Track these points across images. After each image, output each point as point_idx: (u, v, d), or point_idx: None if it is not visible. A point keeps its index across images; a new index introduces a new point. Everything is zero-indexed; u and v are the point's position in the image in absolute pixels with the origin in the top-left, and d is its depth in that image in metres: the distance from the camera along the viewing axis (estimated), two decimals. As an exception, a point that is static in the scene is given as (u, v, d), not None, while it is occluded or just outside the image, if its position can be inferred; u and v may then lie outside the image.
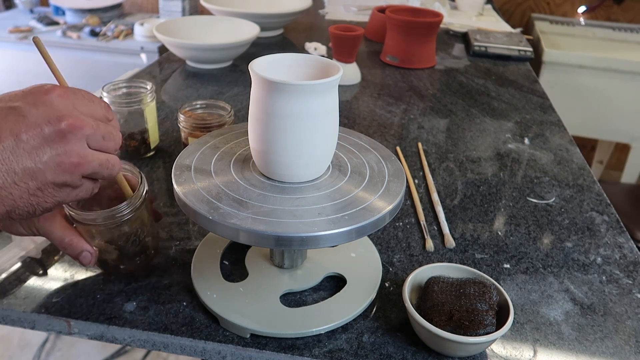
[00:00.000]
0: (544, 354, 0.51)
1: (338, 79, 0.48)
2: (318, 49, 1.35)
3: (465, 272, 0.54)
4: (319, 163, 0.51)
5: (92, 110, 0.41)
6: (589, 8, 2.10)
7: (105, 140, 0.41)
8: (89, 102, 0.41)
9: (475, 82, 1.25)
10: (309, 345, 0.50)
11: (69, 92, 0.40)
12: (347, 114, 1.03)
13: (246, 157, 0.54)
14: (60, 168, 0.38)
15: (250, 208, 0.46)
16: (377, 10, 1.50)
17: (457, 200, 0.76)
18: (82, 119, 0.39)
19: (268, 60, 0.51)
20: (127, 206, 0.51)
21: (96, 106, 0.42)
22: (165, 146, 0.86)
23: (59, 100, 0.39)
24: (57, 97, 0.39)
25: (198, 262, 0.58)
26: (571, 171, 0.86)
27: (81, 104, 0.40)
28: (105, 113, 0.43)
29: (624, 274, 0.63)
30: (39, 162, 0.37)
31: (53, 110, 0.38)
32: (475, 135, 0.97)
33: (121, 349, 1.53)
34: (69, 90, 0.40)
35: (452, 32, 1.63)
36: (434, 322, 0.48)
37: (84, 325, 0.52)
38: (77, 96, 0.40)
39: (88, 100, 0.41)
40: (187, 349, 0.51)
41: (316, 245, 0.44)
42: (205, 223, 0.45)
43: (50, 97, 0.38)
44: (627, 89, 1.74)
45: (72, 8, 2.19)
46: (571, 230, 0.71)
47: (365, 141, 0.59)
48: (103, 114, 0.43)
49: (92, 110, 0.41)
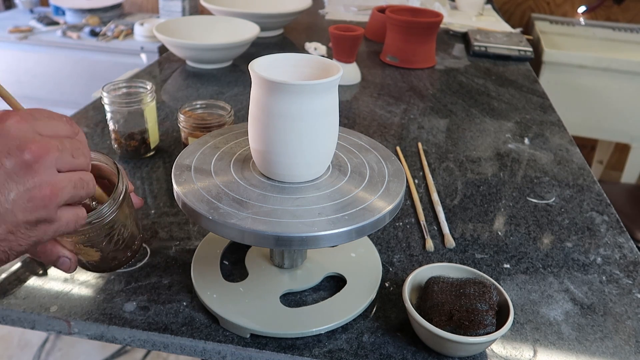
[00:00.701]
0: (544, 354, 0.51)
1: (338, 79, 0.48)
2: (318, 49, 1.35)
3: (465, 272, 0.54)
4: (319, 163, 0.51)
5: (54, 129, 0.36)
6: (589, 8, 2.10)
7: (75, 157, 0.37)
8: (49, 120, 0.36)
9: (475, 82, 1.25)
10: (309, 345, 0.50)
11: (25, 115, 0.35)
12: (347, 114, 1.03)
13: (246, 157, 0.54)
14: (32, 204, 0.34)
15: (250, 208, 0.46)
16: (377, 10, 1.50)
17: (457, 200, 0.76)
18: (46, 143, 0.34)
19: (268, 60, 0.51)
20: (108, 208, 0.45)
21: (58, 123, 0.37)
22: (165, 146, 0.86)
23: (16, 127, 0.34)
24: (14, 124, 0.34)
25: (198, 262, 0.58)
26: (571, 171, 0.86)
27: (42, 126, 0.36)
28: (70, 128, 0.38)
29: (624, 274, 0.63)
30: (5, 202, 0.33)
31: (11, 140, 0.33)
32: (475, 135, 0.97)
33: (121, 349, 1.53)
34: (25, 113, 0.35)
35: (452, 32, 1.63)
36: (434, 322, 0.48)
37: (84, 325, 0.52)
38: (36, 117, 0.35)
39: (48, 119, 0.36)
40: (187, 349, 0.51)
41: (316, 245, 0.44)
42: (205, 223, 0.45)
43: (6, 125, 0.33)
44: (627, 89, 1.74)
45: (72, 8, 2.19)
46: (571, 230, 0.71)
47: (365, 141, 0.59)
48: (68, 130, 0.38)
49: (54, 129, 0.36)
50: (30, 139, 0.34)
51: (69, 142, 0.37)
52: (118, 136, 0.80)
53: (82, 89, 2.04)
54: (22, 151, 0.33)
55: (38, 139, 0.34)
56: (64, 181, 0.35)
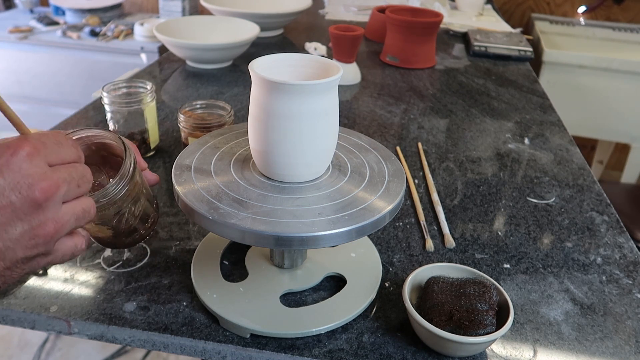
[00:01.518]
0: (544, 354, 0.51)
1: (338, 79, 0.48)
2: (318, 49, 1.35)
3: (465, 272, 0.54)
4: (319, 163, 0.51)
5: (62, 155, 0.35)
6: (589, 8, 2.10)
7: (80, 185, 0.36)
8: (57, 146, 0.35)
9: (475, 82, 1.25)
10: (309, 345, 0.50)
11: (37, 145, 0.33)
12: (347, 114, 1.03)
13: (246, 157, 0.54)
14: (34, 242, 0.33)
15: (250, 208, 0.46)
16: (377, 10, 1.50)
17: (457, 200, 0.76)
18: (57, 180, 0.33)
19: (268, 60, 0.51)
20: (115, 187, 0.44)
21: (66, 149, 0.36)
22: (165, 146, 0.86)
23: (28, 162, 0.32)
24: (25, 157, 0.32)
25: (198, 262, 0.58)
26: (571, 171, 0.86)
27: (51, 154, 0.34)
28: (76, 152, 0.37)
29: (624, 274, 0.63)
30: (8, 241, 0.32)
31: (22, 177, 0.32)
32: (475, 135, 0.97)
33: (121, 349, 1.53)
34: (36, 143, 0.34)
35: (452, 32, 1.63)
36: (434, 322, 0.48)
37: (84, 325, 0.52)
38: (46, 146, 0.34)
39: (57, 145, 0.35)
40: (187, 349, 0.51)
41: (316, 245, 0.44)
42: (205, 223, 0.45)
43: (18, 160, 0.32)
44: (627, 89, 1.74)
45: (72, 8, 2.19)
46: (571, 230, 0.71)
47: (365, 141, 0.59)
48: (74, 155, 0.37)
49: (62, 155, 0.35)
50: (41, 175, 0.33)
51: (75, 170, 0.36)
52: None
53: (82, 89, 2.04)
54: (33, 190, 0.32)
55: (49, 176, 0.33)
56: (67, 215, 0.35)
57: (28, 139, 0.34)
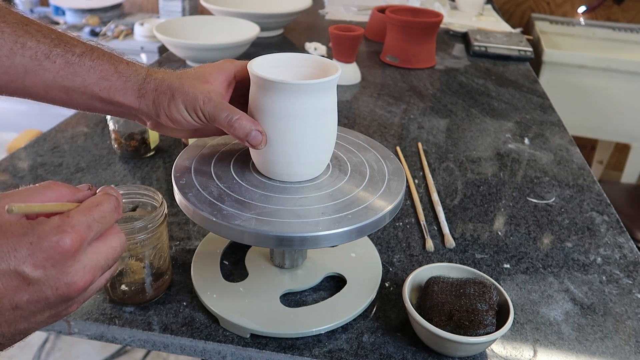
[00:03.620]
0: (544, 354, 0.51)
1: (336, 79, 0.48)
2: (318, 49, 1.35)
3: (465, 272, 0.54)
4: (318, 162, 0.51)
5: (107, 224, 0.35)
6: (589, 8, 2.10)
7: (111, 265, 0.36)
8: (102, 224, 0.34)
9: (475, 82, 1.25)
10: (309, 345, 0.50)
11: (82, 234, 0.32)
12: (347, 114, 1.03)
13: (246, 157, 0.54)
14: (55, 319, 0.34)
15: (253, 209, 0.46)
16: (377, 10, 1.50)
17: (457, 200, 0.76)
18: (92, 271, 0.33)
19: (267, 59, 0.51)
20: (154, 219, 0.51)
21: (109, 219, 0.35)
22: (165, 146, 0.86)
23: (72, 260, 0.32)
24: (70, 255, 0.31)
25: (198, 262, 0.58)
26: (571, 171, 0.86)
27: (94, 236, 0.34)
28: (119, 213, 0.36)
29: (624, 274, 0.63)
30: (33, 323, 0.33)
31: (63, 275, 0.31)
32: (475, 135, 0.97)
33: (121, 349, 1.53)
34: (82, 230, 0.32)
35: (452, 32, 1.63)
36: (434, 322, 0.48)
37: (84, 325, 0.52)
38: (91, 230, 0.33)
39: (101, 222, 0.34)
40: (187, 349, 0.51)
41: (317, 245, 0.44)
42: (209, 225, 0.45)
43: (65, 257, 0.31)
44: (627, 89, 1.74)
45: (72, 8, 2.19)
46: (571, 230, 0.71)
47: (363, 140, 0.59)
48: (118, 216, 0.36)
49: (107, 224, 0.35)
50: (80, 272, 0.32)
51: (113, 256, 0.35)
52: (118, 136, 0.80)
53: (82, 89, 2.03)
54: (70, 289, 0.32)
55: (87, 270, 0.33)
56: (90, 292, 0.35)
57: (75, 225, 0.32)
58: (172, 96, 0.47)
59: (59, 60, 0.45)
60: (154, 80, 0.48)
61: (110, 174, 0.77)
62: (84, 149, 0.84)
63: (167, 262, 0.55)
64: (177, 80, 0.48)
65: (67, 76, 0.46)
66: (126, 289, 0.53)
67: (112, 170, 0.79)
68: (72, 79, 0.46)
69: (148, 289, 0.54)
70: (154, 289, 0.54)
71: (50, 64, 0.45)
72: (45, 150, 0.83)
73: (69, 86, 0.46)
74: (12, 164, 0.79)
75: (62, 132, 0.89)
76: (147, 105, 0.48)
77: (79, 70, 0.46)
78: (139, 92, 0.48)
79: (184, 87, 0.47)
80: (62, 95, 0.47)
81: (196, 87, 0.48)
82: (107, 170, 0.78)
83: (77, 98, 0.48)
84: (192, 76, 0.49)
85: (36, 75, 0.45)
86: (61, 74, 0.46)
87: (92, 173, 0.77)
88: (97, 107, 0.49)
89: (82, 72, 0.46)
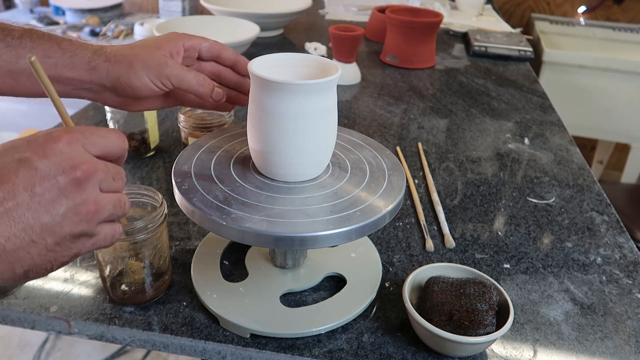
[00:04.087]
0: (544, 354, 0.51)
1: (336, 79, 0.48)
2: (318, 49, 1.35)
3: (465, 272, 0.54)
4: (319, 162, 0.51)
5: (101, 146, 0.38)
6: (589, 8, 2.10)
7: (115, 180, 0.39)
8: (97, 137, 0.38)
9: (475, 82, 1.25)
10: (309, 345, 0.50)
11: (77, 135, 0.37)
12: (347, 114, 1.03)
13: (245, 158, 0.54)
14: (78, 218, 0.36)
15: (262, 211, 0.46)
16: (377, 10, 1.50)
17: (457, 200, 0.76)
18: (95, 164, 0.37)
19: (266, 60, 0.51)
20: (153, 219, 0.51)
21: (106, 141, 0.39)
22: (165, 146, 0.86)
23: (68, 148, 0.36)
24: (66, 144, 0.36)
25: (198, 262, 0.58)
26: (571, 171, 0.86)
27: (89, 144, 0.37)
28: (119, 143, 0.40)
29: (624, 274, 0.63)
30: (56, 216, 0.35)
31: (65, 159, 0.35)
32: (475, 135, 0.97)
33: (121, 349, 1.53)
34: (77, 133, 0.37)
35: (452, 32, 1.63)
36: (434, 322, 0.48)
37: (84, 325, 0.52)
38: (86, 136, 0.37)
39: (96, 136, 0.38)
40: (187, 349, 0.51)
41: (316, 245, 0.44)
42: (216, 228, 0.45)
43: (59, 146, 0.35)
44: (627, 89, 1.74)
45: (72, 8, 2.19)
46: (571, 230, 0.71)
47: (357, 137, 0.59)
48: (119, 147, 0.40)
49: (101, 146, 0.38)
50: (81, 158, 0.36)
51: (112, 166, 0.39)
52: (118, 136, 0.80)
53: (82, 89, 2.03)
54: (75, 170, 0.35)
55: (88, 159, 0.36)
56: (105, 199, 0.38)
57: (68, 129, 0.37)
58: (129, 65, 0.49)
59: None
60: (105, 53, 0.50)
61: (110, 174, 0.77)
62: (84, 149, 0.84)
63: (167, 262, 0.55)
64: (130, 51, 0.50)
65: (10, 59, 0.47)
66: (126, 289, 0.53)
67: (112, 170, 0.78)
68: (16, 61, 0.47)
69: (148, 289, 0.54)
70: (154, 289, 0.54)
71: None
72: (45, 150, 0.83)
73: (14, 70, 0.48)
74: (12, 164, 0.79)
75: (62, 132, 0.89)
76: (99, 77, 0.50)
77: (22, 52, 0.47)
78: (89, 64, 0.49)
79: (140, 56, 0.49)
80: (10, 81, 0.48)
81: (154, 55, 0.50)
82: (107, 170, 0.78)
83: (24, 81, 0.49)
84: (144, 46, 0.51)
85: None
86: (4, 57, 0.47)
87: (92, 173, 0.77)
88: None
89: (24, 54, 0.48)
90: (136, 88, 0.50)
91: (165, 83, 0.50)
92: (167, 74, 0.50)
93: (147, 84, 0.50)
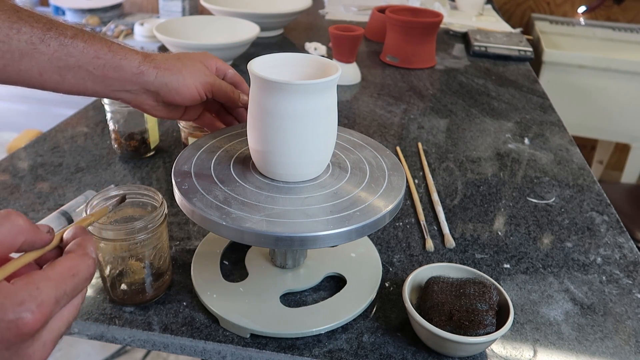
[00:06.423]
0: (544, 354, 0.51)
1: (336, 79, 0.48)
2: (318, 49, 1.35)
3: (465, 272, 0.54)
4: (320, 162, 0.51)
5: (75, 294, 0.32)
6: (589, 8, 2.10)
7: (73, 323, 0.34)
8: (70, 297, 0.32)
9: (475, 82, 1.25)
10: (309, 345, 0.50)
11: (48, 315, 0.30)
12: (347, 114, 1.03)
13: (244, 158, 0.54)
14: None
15: (262, 210, 0.46)
16: (377, 10, 1.50)
17: (457, 200, 0.76)
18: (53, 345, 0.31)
19: (266, 60, 0.51)
20: (154, 218, 0.51)
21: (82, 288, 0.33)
22: (165, 146, 0.86)
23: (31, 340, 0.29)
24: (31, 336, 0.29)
25: (198, 262, 0.58)
26: (571, 171, 0.86)
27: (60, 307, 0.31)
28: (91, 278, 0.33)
29: (624, 274, 0.63)
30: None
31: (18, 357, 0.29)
32: (475, 135, 0.97)
33: (121, 349, 1.53)
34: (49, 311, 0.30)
35: (452, 32, 1.63)
36: (434, 322, 0.48)
37: (84, 325, 0.52)
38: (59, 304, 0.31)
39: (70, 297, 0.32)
40: (187, 349, 0.51)
41: (316, 245, 0.44)
42: (216, 228, 0.45)
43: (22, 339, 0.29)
44: (627, 89, 1.74)
45: (72, 8, 2.19)
46: (571, 230, 0.71)
47: (357, 137, 0.59)
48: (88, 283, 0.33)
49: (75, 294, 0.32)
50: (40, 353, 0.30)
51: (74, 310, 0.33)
52: (118, 136, 0.80)
53: (82, 89, 2.03)
54: None
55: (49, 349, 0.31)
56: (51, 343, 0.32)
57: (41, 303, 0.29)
58: (179, 72, 0.54)
59: (53, 43, 0.48)
60: (154, 60, 0.54)
61: (110, 174, 0.77)
62: (84, 149, 0.84)
63: (167, 262, 0.55)
64: (178, 61, 0.55)
65: (61, 57, 0.49)
66: (126, 289, 0.53)
67: (112, 170, 0.79)
68: (66, 59, 0.49)
69: (148, 289, 0.54)
70: (154, 289, 0.54)
71: (45, 47, 0.47)
72: (45, 150, 0.83)
73: (63, 66, 0.49)
74: (12, 164, 0.79)
75: (62, 132, 0.89)
76: (145, 81, 0.53)
77: (73, 51, 0.49)
78: (137, 68, 0.52)
79: (188, 67, 0.55)
80: (56, 77, 0.50)
81: (198, 66, 0.56)
82: (107, 170, 0.78)
83: (70, 78, 0.50)
84: (189, 58, 0.57)
85: (32, 59, 0.47)
86: (55, 55, 0.48)
87: (92, 173, 0.77)
88: (87, 88, 0.52)
89: (76, 53, 0.49)
90: (182, 94, 0.55)
91: (207, 91, 0.56)
92: (211, 82, 0.56)
93: (192, 91, 0.55)
